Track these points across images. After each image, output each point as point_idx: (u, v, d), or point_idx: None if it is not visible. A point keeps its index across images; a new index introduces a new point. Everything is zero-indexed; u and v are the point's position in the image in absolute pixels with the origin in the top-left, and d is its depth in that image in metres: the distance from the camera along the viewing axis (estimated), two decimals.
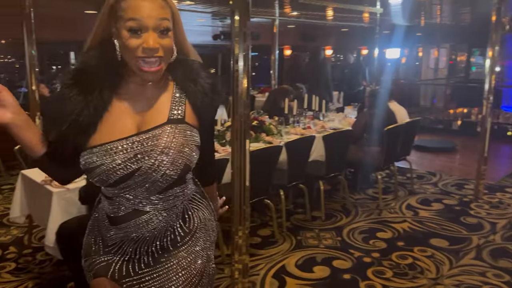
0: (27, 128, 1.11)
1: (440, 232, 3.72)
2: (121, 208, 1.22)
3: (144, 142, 1.15)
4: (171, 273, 1.24)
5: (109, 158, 1.13)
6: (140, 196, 1.20)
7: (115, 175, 1.14)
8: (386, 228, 3.79)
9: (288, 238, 3.58)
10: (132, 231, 1.23)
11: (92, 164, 1.14)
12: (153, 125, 1.17)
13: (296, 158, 3.69)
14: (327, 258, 3.23)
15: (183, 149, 1.16)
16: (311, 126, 4.64)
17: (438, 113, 10.21)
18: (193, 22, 8.43)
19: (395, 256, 3.27)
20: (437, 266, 3.11)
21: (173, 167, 1.15)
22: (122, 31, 1.09)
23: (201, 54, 1.28)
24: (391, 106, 4.73)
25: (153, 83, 1.20)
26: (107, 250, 1.29)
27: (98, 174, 1.15)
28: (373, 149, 4.32)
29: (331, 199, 4.49)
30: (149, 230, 1.23)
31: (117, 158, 1.13)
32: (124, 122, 1.16)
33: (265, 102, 5.55)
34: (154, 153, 1.14)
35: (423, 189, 4.89)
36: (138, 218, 1.22)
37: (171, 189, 1.22)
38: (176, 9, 1.16)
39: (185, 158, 1.16)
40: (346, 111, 5.86)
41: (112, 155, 1.13)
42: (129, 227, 1.23)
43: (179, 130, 1.18)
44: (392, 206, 4.34)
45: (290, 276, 2.98)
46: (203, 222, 1.32)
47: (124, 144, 1.14)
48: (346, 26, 9.59)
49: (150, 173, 1.15)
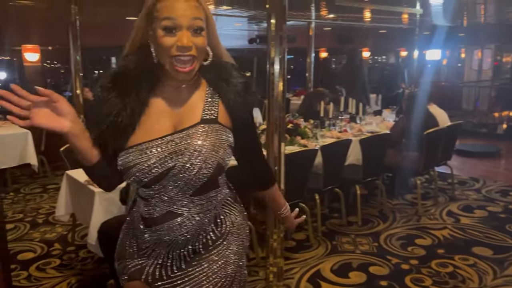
0: (83, 137, 1.13)
1: (484, 240, 3.57)
2: (156, 209, 1.23)
3: (178, 141, 1.17)
4: (202, 277, 1.25)
5: (145, 157, 1.16)
6: (174, 198, 1.21)
7: (150, 174, 1.17)
8: (425, 235, 3.68)
9: (323, 242, 3.54)
10: (166, 234, 1.24)
11: (128, 164, 1.16)
12: (187, 125, 1.19)
13: (332, 162, 3.64)
14: (363, 264, 3.17)
15: (216, 148, 1.18)
16: (347, 130, 4.58)
17: (481, 116, 9.79)
18: (229, 27, 8.53)
19: (434, 264, 3.17)
20: (480, 276, 2.98)
21: (205, 165, 1.16)
22: (158, 31, 1.12)
23: (237, 57, 1.30)
24: (431, 109, 4.58)
25: (187, 84, 1.23)
26: (141, 253, 1.30)
27: (134, 174, 1.17)
28: (412, 154, 4.20)
29: (368, 204, 4.41)
30: (182, 234, 1.24)
31: (152, 157, 1.16)
32: (160, 123, 1.20)
33: (301, 105, 5.53)
34: (187, 152, 1.16)
35: (465, 195, 4.70)
36: (172, 220, 1.23)
37: (206, 193, 1.24)
38: (209, 12, 1.19)
39: (218, 157, 1.18)
40: (384, 114, 5.75)
41: (148, 154, 1.16)
42: (162, 230, 1.24)
43: (211, 129, 1.20)
44: (431, 213, 4.20)
45: (325, 281, 2.94)
46: (235, 227, 1.33)
47: (159, 144, 1.17)
48: (384, 27, 9.40)
49: (183, 172, 1.16)
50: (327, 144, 3.68)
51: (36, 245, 3.56)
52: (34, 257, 3.34)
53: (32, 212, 4.34)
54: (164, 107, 1.21)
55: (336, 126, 4.66)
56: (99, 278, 3.00)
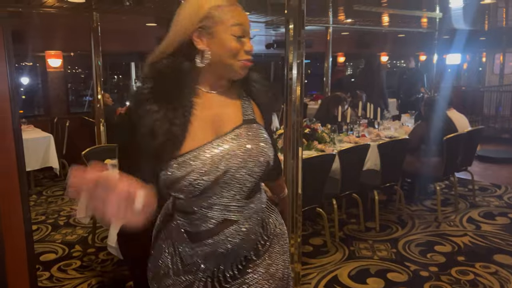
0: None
1: (505, 248, 3.49)
2: (209, 220, 1.18)
3: (229, 144, 1.17)
4: (262, 282, 1.24)
5: (199, 163, 1.13)
6: (229, 204, 1.18)
7: (205, 181, 1.13)
8: (445, 242, 3.62)
9: (340, 248, 3.52)
10: (221, 244, 1.19)
11: (180, 174, 1.12)
12: (230, 128, 1.20)
13: (350, 167, 3.62)
14: (382, 270, 3.14)
15: (262, 146, 1.20)
16: (365, 134, 4.55)
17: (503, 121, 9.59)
18: None
19: (454, 271, 3.11)
20: (502, 284, 2.92)
21: (258, 164, 1.18)
22: (224, 35, 1.15)
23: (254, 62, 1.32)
24: (450, 114, 4.52)
25: (223, 88, 1.25)
26: (186, 269, 1.24)
27: (188, 182, 1.12)
28: (432, 159, 4.14)
29: (386, 210, 4.36)
30: (236, 242, 1.21)
31: (206, 162, 1.13)
32: (204, 127, 1.18)
33: (318, 109, 5.52)
34: (239, 153, 1.17)
35: (486, 202, 4.61)
36: (228, 229, 1.19)
37: (254, 195, 1.24)
38: None
39: (266, 155, 1.21)
40: (403, 119, 5.69)
41: (202, 160, 1.13)
42: (218, 241, 1.19)
43: (254, 129, 1.22)
44: (451, 219, 4.13)
45: (342, 286, 2.92)
46: (278, 228, 1.34)
47: (209, 148, 1.15)
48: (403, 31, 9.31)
49: (237, 174, 1.16)
50: (345, 149, 3.67)
51: (57, 247, 3.64)
52: (56, 258, 3.41)
53: (54, 214, 4.44)
54: (205, 111, 1.19)
55: (354, 131, 4.64)
56: (118, 280, 3.04)
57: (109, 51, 5.83)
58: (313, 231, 3.87)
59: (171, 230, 1.26)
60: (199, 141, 1.16)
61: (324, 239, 3.59)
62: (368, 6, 5.41)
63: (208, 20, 1.14)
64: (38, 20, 5.91)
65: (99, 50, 4.78)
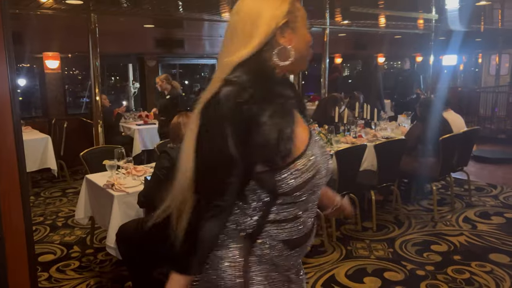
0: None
1: (501, 247, 3.52)
2: (307, 223, 1.16)
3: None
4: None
5: (317, 163, 1.11)
6: (316, 204, 1.20)
7: (323, 181, 1.15)
8: (441, 241, 3.65)
9: (337, 247, 3.55)
10: (307, 246, 1.21)
11: (308, 175, 1.08)
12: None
13: (347, 167, 3.65)
14: (378, 270, 3.17)
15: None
16: (362, 135, 4.59)
17: (499, 122, 9.65)
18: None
19: (451, 270, 3.14)
20: (497, 283, 2.95)
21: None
22: (303, 28, 1.14)
23: None
24: (447, 115, 4.56)
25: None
26: (290, 281, 1.21)
27: (314, 184, 1.11)
28: (428, 160, 4.18)
29: (383, 210, 4.39)
30: (310, 243, 1.23)
31: (319, 162, 1.11)
32: (301, 127, 1.15)
33: (315, 110, 5.56)
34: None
35: (482, 202, 4.65)
36: (312, 230, 1.20)
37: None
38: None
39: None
40: (400, 119, 5.73)
41: (316, 160, 1.11)
42: (308, 243, 1.19)
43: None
44: (448, 219, 4.17)
45: (339, 285, 2.95)
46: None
47: (315, 148, 1.13)
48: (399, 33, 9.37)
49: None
50: (342, 149, 3.70)
51: (56, 248, 3.65)
52: (54, 259, 3.42)
53: (52, 215, 4.45)
54: (294, 112, 1.15)
55: (351, 132, 4.67)
56: (117, 280, 3.06)
57: (107, 52, 5.85)
58: None
59: (263, 248, 1.12)
60: (303, 140, 1.11)
61: (322, 239, 3.61)
62: (365, 8, 5.45)
63: (290, 14, 1.10)
64: (36, 22, 5.91)
65: (97, 52, 4.79)
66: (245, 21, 1.09)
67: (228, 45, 1.12)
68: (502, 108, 9.93)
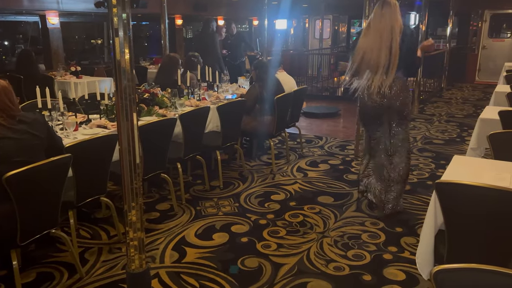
0: None
1: (327, 190, 4.09)
2: None
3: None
4: None
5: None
6: None
7: None
8: (279, 191, 4.05)
9: (187, 209, 3.63)
10: None
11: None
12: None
13: (192, 130, 3.70)
14: (226, 225, 3.36)
15: None
16: (206, 98, 4.66)
17: (324, 81, 10.94)
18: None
19: (287, 216, 3.53)
20: (324, 221, 3.44)
21: None
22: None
23: (84, 22, 1.21)
24: (280, 76, 4.94)
25: None
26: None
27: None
28: (266, 118, 4.51)
29: (229, 168, 4.63)
30: None
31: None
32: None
33: (157, 73, 5.39)
34: None
35: (311, 152, 5.28)
36: None
37: None
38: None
39: None
40: (240, 81, 5.98)
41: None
42: None
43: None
44: (284, 170, 4.63)
45: (190, 246, 3.04)
46: None
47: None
48: None
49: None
50: (186, 112, 3.71)
51: None
52: None
53: None
54: None
55: (194, 95, 4.70)
56: None
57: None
58: (159, 197, 3.88)
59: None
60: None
61: (171, 203, 3.64)
62: None
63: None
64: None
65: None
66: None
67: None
68: (325, 68, 11.25)
